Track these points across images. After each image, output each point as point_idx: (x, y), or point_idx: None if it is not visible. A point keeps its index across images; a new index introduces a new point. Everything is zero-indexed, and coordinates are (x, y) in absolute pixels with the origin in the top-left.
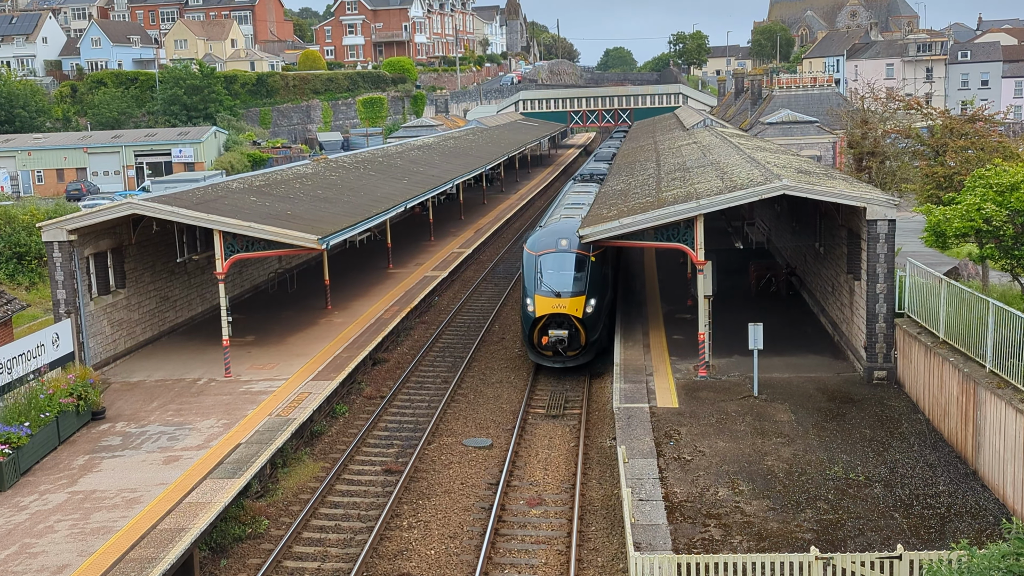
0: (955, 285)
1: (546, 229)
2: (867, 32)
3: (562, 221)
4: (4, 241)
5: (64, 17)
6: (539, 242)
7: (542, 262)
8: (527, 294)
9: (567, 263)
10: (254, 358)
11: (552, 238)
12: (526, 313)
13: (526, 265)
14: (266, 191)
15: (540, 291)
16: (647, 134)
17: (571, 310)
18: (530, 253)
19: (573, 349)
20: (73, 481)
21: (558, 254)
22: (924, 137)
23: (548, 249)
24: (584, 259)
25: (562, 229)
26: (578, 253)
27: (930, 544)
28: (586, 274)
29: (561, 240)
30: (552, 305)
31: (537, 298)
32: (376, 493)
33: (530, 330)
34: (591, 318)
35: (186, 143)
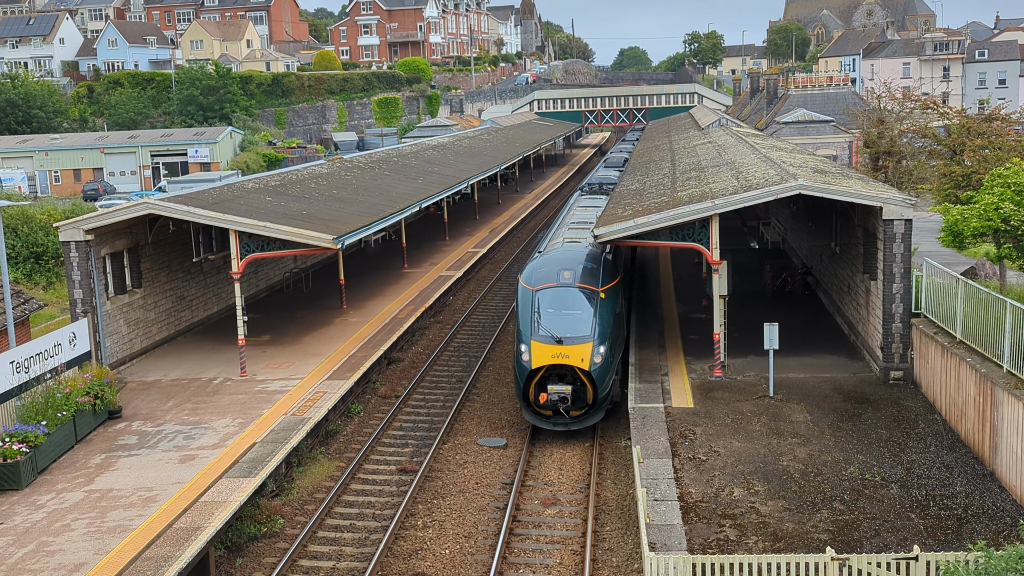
0: (972, 285)
1: (545, 257)
2: (883, 31)
3: (564, 247)
4: (22, 241)
5: (81, 18)
6: (536, 274)
7: (540, 299)
8: (521, 339)
9: (571, 301)
10: (269, 357)
11: (552, 269)
12: (520, 363)
13: (521, 302)
14: (281, 191)
15: (538, 336)
16: (662, 134)
17: (576, 360)
18: (525, 287)
19: (578, 407)
20: (90, 480)
21: (560, 290)
22: (941, 136)
23: (547, 283)
24: (592, 295)
25: (564, 257)
26: (584, 288)
27: (947, 545)
28: (594, 314)
29: (563, 272)
30: (552, 354)
31: (534, 345)
32: (391, 492)
33: (525, 384)
34: (601, 370)
35: (202, 143)
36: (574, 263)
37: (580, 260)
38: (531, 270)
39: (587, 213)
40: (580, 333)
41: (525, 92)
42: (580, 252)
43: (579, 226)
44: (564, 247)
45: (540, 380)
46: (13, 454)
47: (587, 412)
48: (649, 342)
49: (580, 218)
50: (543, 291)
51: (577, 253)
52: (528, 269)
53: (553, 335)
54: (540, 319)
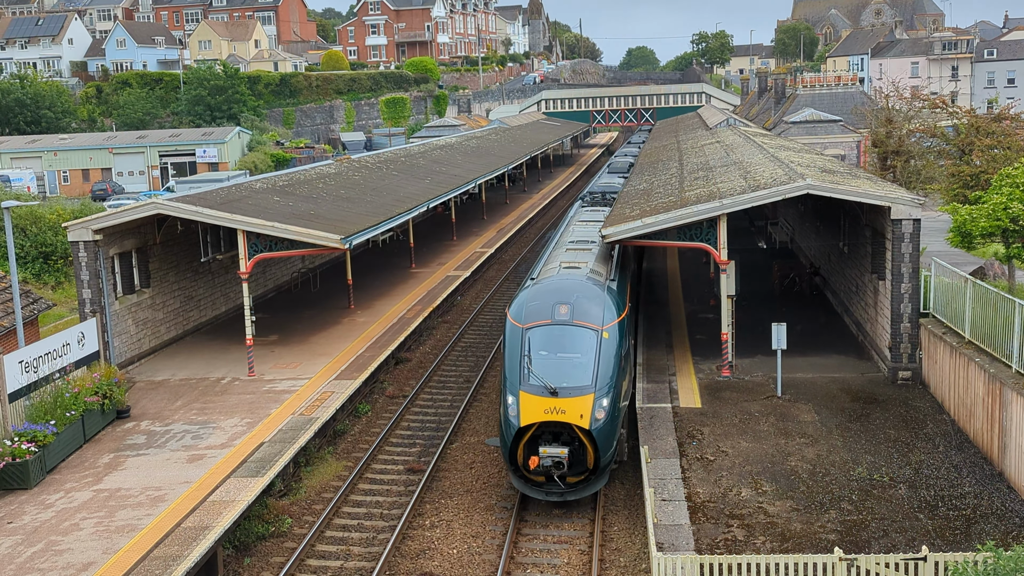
0: (981, 285)
1: (538, 287)
2: (892, 30)
3: (560, 275)
4: (30, 241)
5: (89, 18)
6: (527, 308)
7: (532, 340)
8: (508, 388)
9: (568, 342)
10: (277, 357)
11: (546, 302)
12: (506, 418)
13: (508, 343)
14: (289, 191)
15: (528, 386)
16: (670, 133)
17: (573, 416)
18: (514, 325)
19: (577, 473)
20: (98, 479)
21: (555, 328)
22: (950, 136)
23: (540, 320)
24: (594, 336)
25: (560, 287)
26: (584, 326)
27: (955, 546)
28: (597, 358)
29: (559, 306)
30: (545, 408)
31: (524, 398)
32: (399, 492)
33: (512, 445)
34: (604, 428)
35: (210, 143)
36: (572, 295)
37: (579, 291)
38: (521, 303)
39: (587, 229)
40: (579, 383)
41: (533, 92)
42: (579, 281)
43: (578, 246)
44: (560, 275)
45: (531, 439)
46: (22, 453)
47: (587, 479)
48: (657, 342)
49: (580, 236)
50: (535, 330)
51: (576, 282)
52: (517, 302)
53: (546, 385)
54: (531, 365)
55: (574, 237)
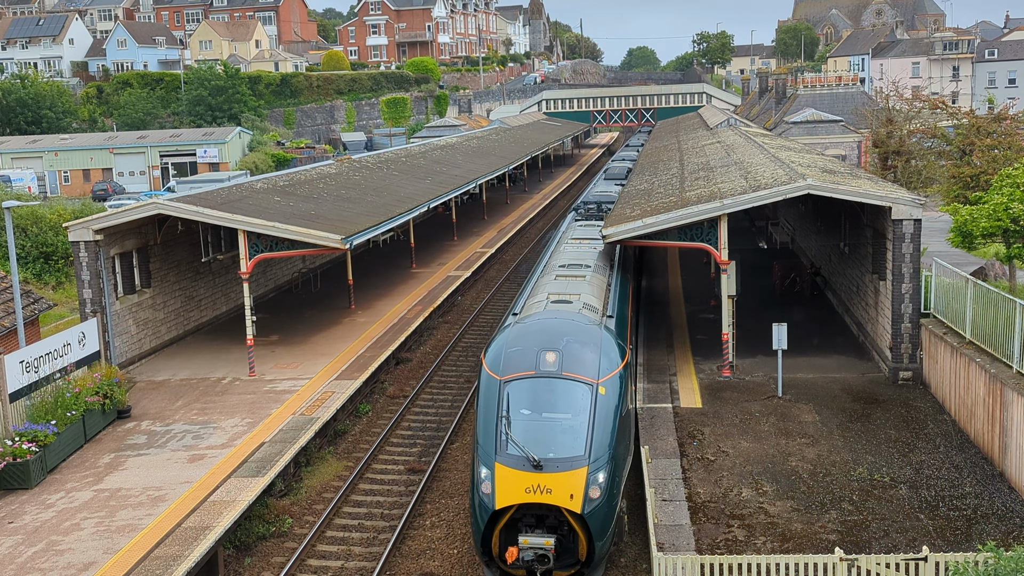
0: (982, 285)
1: (521, 327)
2: (893, 30)
3: (549, 310)
4: (31, 241)
5: (90, 18)
6: (507, 355)
7: (511, 396)
8: (480, 457)
9: (557, 399)
10: (278, 357)
11: (530, 348)
12: (478, 497)
13: (482, 398)
14: (290, 191)
15: (506, 456)
16: (670, 134)
17: (562, 497)
18: (490, 376)
19: (566, 566)
20: (99, 479)
21: (541, 382)
22: (950, 136)
23: (522, 371)
24: (588, 391)
25: (549, 328)
26: (576, 380)
27: (956, 546)
28: (591, 420)
29: (545, 353)
30: (527, 487)
31: (500, 471)
32: (399, 492)
33: (486, 531)
34: (600, 511)
35: (211, 143)
36: (561, 338)
37: (570, 333)
38: (499, 349)
39: (580, 250)
40: (569, 452)
41: (533, 92)
42: (570, 320)
43: (569, 273)
44: (548, 311)
45: (509, 523)
46: (23, 453)
47: (579, 573)
48: (657, 342)
49: (571, 258)
50: (515, 384)
51: (566, 321)
52: (495, 347)
53: (529, 456)
54: (510, 428)
55: (565, 259)
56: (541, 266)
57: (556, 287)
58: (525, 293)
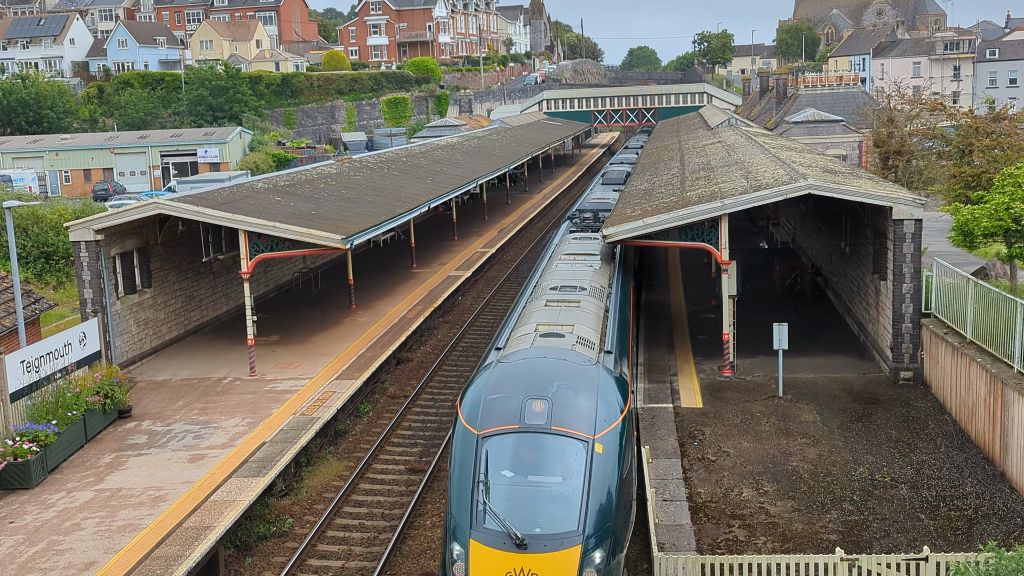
0: (983, 285)
1: (504, 369)
2: (893, 30)
3: (537, 347)
4: (32, 241)
5: (91, 18)
6: (487, 403)
7: (491, 455)
8: (453, 531)
9: (546, 459)
10: (279, 357)
11: (514, 395)
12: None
13: (458, 455)
14: (291, 191)
15: (482, 532)
16: (671, 133)
17: None
18: (467, 429)
19: None
20: (100, 479)
21: (526, 438)
22: (950, 137)
23: (504, 425)
24: (583, 448)
25: (537, 370)
26: (570, 436)
27: (957, 546)
28: (586, 484)
29: (532, 402)
30: (508, 570)
31: (476, 550)
32: (400, 492)
33: None
34: None
35: (211, 143)
36: (551, 383)
37: (562, 377)
38: (477, 395)
39: (575, 268)
40: (560, 527)
41: (534, 92)
42: (562, 359)
43: (562, 298)
44: (536, 348)
45: None
46: (24, 453)
47: None
48: (658, 342)
49: (565, 278)
50: (495, 440)
51: (557, 362)
52: (472, 392)
53: (511, 532)
54: (488, 496)
55: (557, 280)
56: (530, 288)
57: (546, 316)
58: (510, 323)
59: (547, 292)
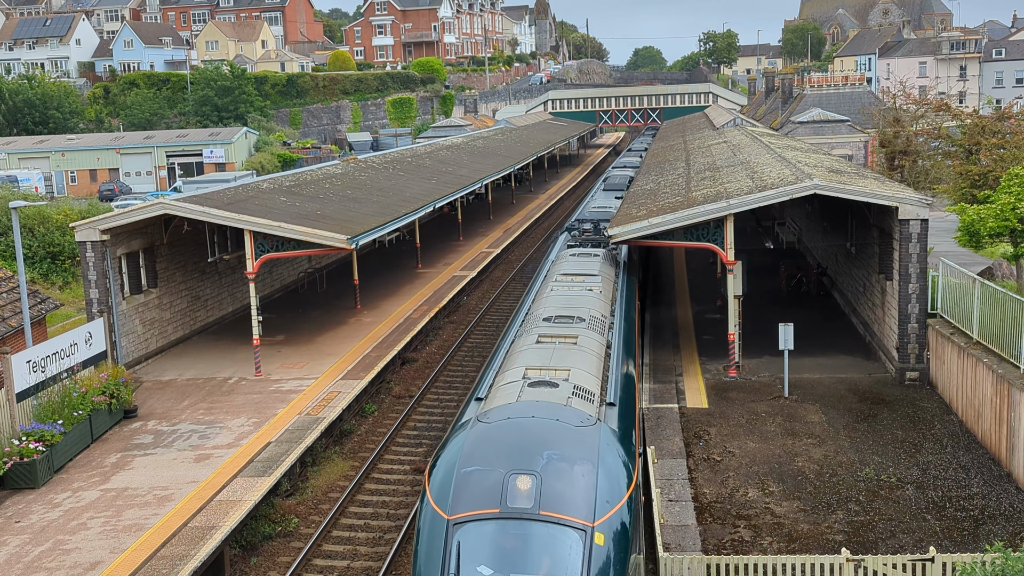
0: (989, 285)
1: (484, 430)
2: (899, 30)
3: (525, 399)
4: (38, 241)
5: (97, 19)
6: (461, 479)
7: (463, 548)
8: None
9: (533, 554)
10: (284, 357)
11: (495, 467)
12: None
13: (423, 546)
14: (296, 191)
15: None
16: (676, 134)
17: None
18: (435, 512)
19: None
20: (105, 479)
21: (508, 526)
22: (955, 137)
23: (480, 509)
24: (579, 540)
25: (525, 432)
26: (562, 524)
27: (963, 547)
28: None
29: (516, 478)
30: None
31: None
32: (405, 492)
33: None
34: None
35: (217, 144)
36: (540, 451)
37: (555, 442)
38: (449, 467)
39: (573, 293)
40: None
41: (539, 92)
42: (556, 418)
43: (557, 332)
44: (524, 403)
45: None
46: (30, 453)
47: None
48: (663, 342)
49: (562, 305)
50: (470, 528)
51: (549, 423)
52: (444, 463)
53: None
54: None
55: (551, 308)
56: (520, 317)
57: (537, 357)
58: (494, 364)
59: (539, 324)
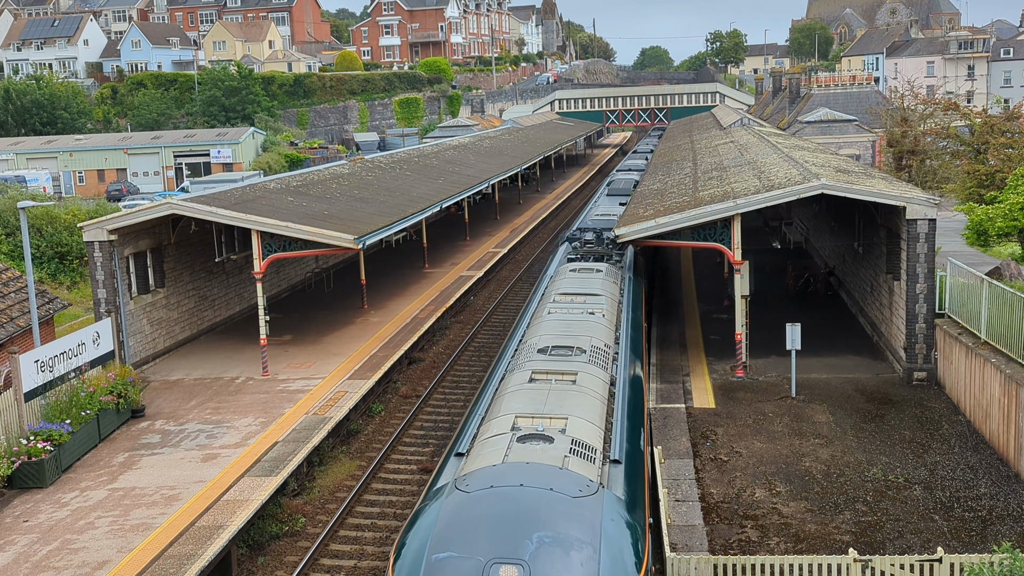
0: (997, 285)
1: (462, 501)
2: (907, 29)
3: (511, 465)
4: (46, 241)
5: (105, 19)
6: (432, 568)
7: None
8: None
9: None
10: (291, 357)
11: (472, 552)
12: None
13: None
14: (303, 191)
15: None
16: (683, 133)
17: None
18: None
19: None
20: (113, 478)
21: None
22: (964, 137)
23: None
24: None
25: (510, 504)
26: None
27: (971, 547)
28: None
29: (500, 570)
30: None
31: None
32: (412, 492)
33: None
34: None
35: (224, 144)
36: (530, 533)
37: (547, 519)
38: (418, 551)
39: (573, 318)
40: None
41: (546, 92)
42: (549, 486)
43: (554, 368)
44: (511, 465)
45: None
46: (38, 452)
47: None
48: (670, 342)
49: (560, 331)
50: None
51: (540, 493)
52: (412, 545)
53: None
54: None
55: (548, 337)
56: (512, 346)
57: (528, 401)
58: (478, 410)
59: (533, 357)
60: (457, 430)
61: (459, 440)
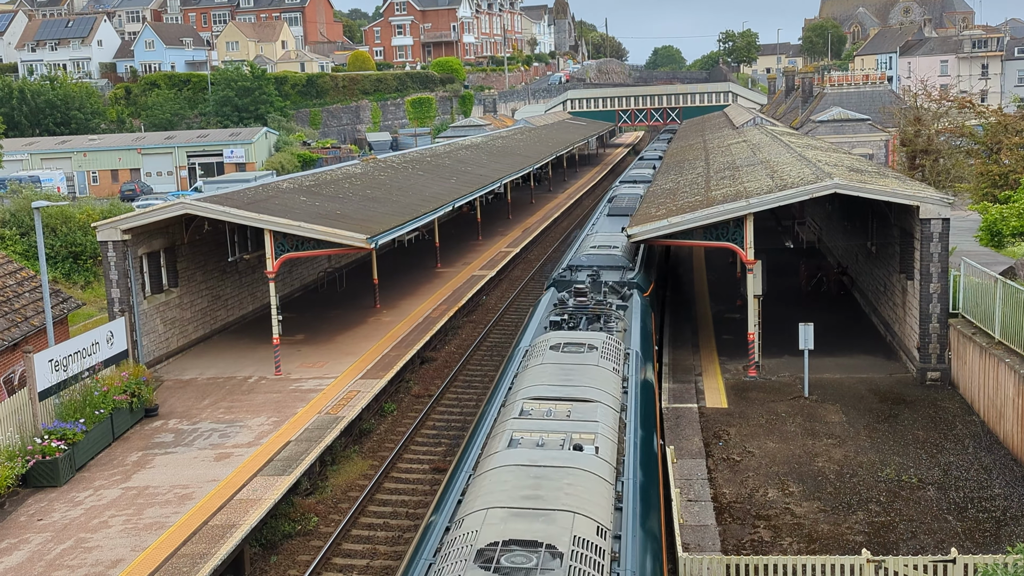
0: (1011, 285)
1: None
2: (920, 28)
3: None
4: (60, 240)
5: (118, 20)
6: None
7: None
8: None
9: None
10: (304, 356)
11: None
12: None
13: None
14: (316, 191)
15: None
16: (696, 133)
17: None
18: None
19: None
20: (127, 477)
21: None
22: (979, 135)
23: None
24: None
25: None
26: None
27: (985, 548)
28: None
29: None
30: None
31: None
32: (424, 492)
33: None
34: None
35: (237, 144)
36: None
37: None
38: None
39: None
40: None
41: (558, 92)
42: None
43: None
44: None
45: None
46: (52, 451)
47: None
48: (683, 342)
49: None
50: None
51: None
52: None
53: None
54: None
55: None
56: (493, 405)
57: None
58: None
59: (520, 417)
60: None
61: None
